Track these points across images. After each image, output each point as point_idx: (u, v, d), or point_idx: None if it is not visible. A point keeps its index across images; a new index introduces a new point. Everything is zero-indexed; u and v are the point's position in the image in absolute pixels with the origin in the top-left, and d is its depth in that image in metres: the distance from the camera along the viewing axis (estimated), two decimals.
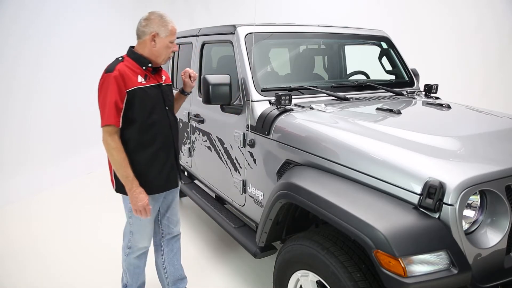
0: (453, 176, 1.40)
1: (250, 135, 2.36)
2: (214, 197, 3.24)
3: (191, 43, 3.29)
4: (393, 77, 3.17)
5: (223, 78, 2.30)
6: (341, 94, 2.57)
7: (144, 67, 1.99)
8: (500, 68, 5.40)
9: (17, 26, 4.53)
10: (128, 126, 1.94)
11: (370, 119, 2.12)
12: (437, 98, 2.91)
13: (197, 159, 3.34)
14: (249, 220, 2.61)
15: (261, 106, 2.34)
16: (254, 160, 2.37)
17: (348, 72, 3.36)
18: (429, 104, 2.55)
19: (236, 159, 2.58)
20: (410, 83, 3.11)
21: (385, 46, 3.19)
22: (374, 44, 3.21)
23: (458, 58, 5.51)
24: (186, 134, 3.46)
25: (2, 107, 4.48)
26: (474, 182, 1.40)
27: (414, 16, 5.62)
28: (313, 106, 2.29)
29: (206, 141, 3.02)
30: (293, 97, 2.28)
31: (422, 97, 2.92)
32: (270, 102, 2.36)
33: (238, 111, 2.45)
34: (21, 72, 4.66)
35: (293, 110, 2.25)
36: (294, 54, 3.10)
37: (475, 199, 1.46)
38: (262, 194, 2.34)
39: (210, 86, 2.27)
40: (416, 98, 2.81)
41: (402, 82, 3.11)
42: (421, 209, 1.41)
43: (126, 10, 6.13)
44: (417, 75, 3.25)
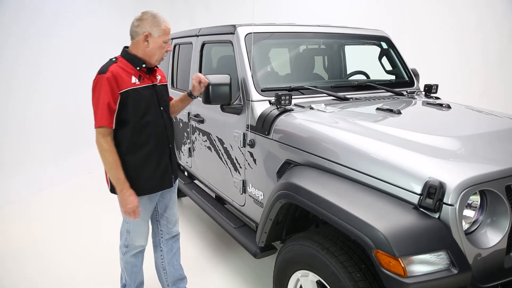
0: (453, 176, 1.40)
1: (250, 135, 2.36)
2: (214, 197, 3.24)
3: (191, 43, 3.29)
4: (393, 77, 3.17)
5: (223, 78, 2.30)
6: (341, 94, 2.57)
7: (138, 68, 1.98)
8: (500, 68, 5.40)
9: (17, 26, 4.53)
10: (121, 127, 1.95)
11: (370, 119, 2.12)
12: (437, 98, 2.91)
13: (197, 159, 3.34)
14: (249, 220, 2.61)
15: (261, 106, 2.34)
16: (254, 160, 2.37)
17: (348, 72, 3.36)
18: (429, 104, 2.55)
19: (236, 159, 2.58)
20: (410, 83, 3.11)
21: (385, 46, 3.19)
22: (374, 44, 3.21)
23: (458, 58, 5.50)
24: (186, 134, 3.46)
25: (2, 107, 4.48)
26: (474, 182, 1.40)
27: (414, 16, 5.62)
28: (313, 106, 2.29)
29: (206, 141, 3.02)
30: (293, 97, 2.28)
31: (422, 97, 2.92)
32: (270, 102, 2.36)
33: (238, 111, 2.45)
34: (21, 72, 4.66)
35: (293, 110, 2.25)
36: (294, 54, 3.10)
37: (475, 199, 1.46)
38: (262, 194, 2.34)
39: (210, 86, 2.27)
40: (416, 98, 2.81)
41: (402, 82, 3.11)
42: (421, 209, 1.41)
43: (126, 10, 6.12)
44: (417, 75, 3.25)
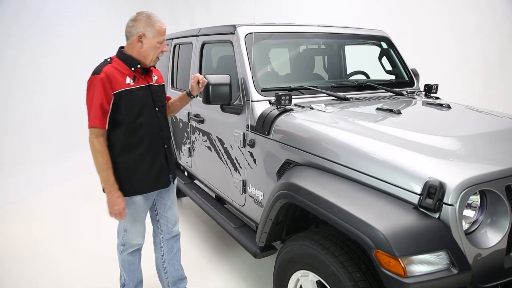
0: (453, 176, 1.40)
1: (250, 135, 2.36)
2: (214, 197, 3.24)
3: (191, 43, 3.29)
4: (393, 77, 3.17)
5: (223, 78, 2.30)
6: (341, 94, 2.57)
7: (133, 68, 1.98)
8: (500, 68, 5.40)
9: (17, 26, 4.53)
10: (115, 127, 1.95)
11: (370, 119, 2.12)
12: (437, 98, 2.91)
13: (197, 159, 3.34)
14: (249, 220, 2.61)
15: (261, 106, 2.34)
16: (254, 160, 2.37)
17: (348, 72, 3.36)
18: (429, 104, 2.55)
19: (236, 159, 2.58)
20: (410, 83, 3.11)
21: (385, 46, 3.19)
22: (374, 44, 3.21)
23: (458, 58, 5.50)
24: (186, 134, 3.46)
25: (2, 107, 4.48)
26: (474, 182, 1.40)
27: (414, 16, 5.62)
28: (313, 106, 2.29)
29: (206, 141, 3.02)
30: (293, 97, 2.28)
31: (422, 97, 2.92)
32: (270, 102, 2.36)
33: (238, 111, 2.45)
34: (21, 72, 4.66)
35: (293, 110, 2.25)
36: (294, 54, 3.10)
37: (475, 199, 1.46)
38: (262, 194, 2.34)
39: (210, 86, 2.27)
40: (416, 98, 2.81)
41: (402, 82, 3.11)
42: (421, 209, 1.41)
43: (126, 10, 6.09)
44: (417, 75, 3.25)
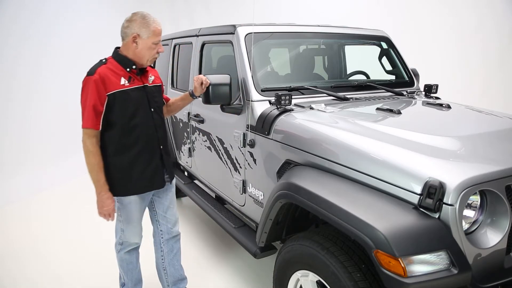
0: (453, 176, 1.40)
1: (250, 135, 2.36)
2: (214, 197, 3.24)
3: (191, 43, 3.29)
4: (393, 77, 3.17)
5: (223, 78, 2.30)
6: (341, 94, 2.57)
7: (128, 69, 1.98)
8: (500, 68, 5.40)
9: (17, 26, 4.53)
10: (109, 128, 1.95)
11: (370, 119, 2.12)
12: (437, 98, 2.91)
13: (197, 159, 3.34)
14: (249, 220, 2.61)
15: (261, 106, 2.34)
16: (254, 160, 2.37)
17: (348, 72, 3.36)
18: (429, 104, 2.55)
19: (236, 159, 2.58)
20: (410, 83, 3.11)
21: (385, 46, 3.19)
22: (374, 44, 3.21)
23: (458, 58, 5.51)
24: (186, 134, 3.46)
25: (2, 107, 4.48)
26: (474, 182, 1.40)
27: (414, 16, 5.62)
28: (313, 106, 2.29)
29: (206, 141, 3.02)
30: (293, 97, 2.28)
31: (422, 97, 2.92)
32: (270, 102, 2.36)
33: (238, 111, 2.45)
34: (21, 72, 4.66)
35: (293, 110, 2.25)
36: (294, 54, 3.10)
37: (475, 199, 1.46)
38: (262, 194, 2.34)
39: (210, 86, 2.27)
40: (416, 98, 2.81)
41: (402, 82, 3.11)
42: (421, 209, 1.41)
43: (126, 10, 6.10)
44: (417, 75, 3.25)
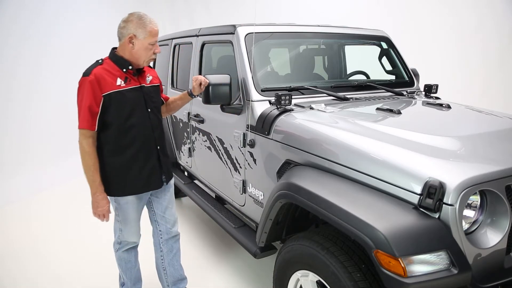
0: (453, 176, 1.40)
1: (250, 135, 2.36)
2: (214, 197, 3.24)
3: (191, 43, 3.29)
4: (393, 77, 3.17)
5: (223, 78, 2.30)
6: (341, 94, 2.57)
7: (124, 70, 1.98)
8: (500, 68, 5.40)
9: (17, 26, 4.53)
10: (105, 129, 1.96)
11: (370, 119, 2.12)
12: (437, 98, 2.91)
13: (197, 159, 3.34)
14: (249, 220, 2.61)
15: (261, 106, 2.34)
16: (254, 160, 2.37)
17: (348, 72, 3.36)
18: (429, 104, 2.55)
19: (236, 159, 2.58)
20: (410, 83, 3.11)
21: (385, 46, 3.19)
22: (374, 44, 3.21)
23: (458, 58, 5.51)
24: (186, 134, 3.46)
25: (2, 107, 4.48)
26: (474, 182, 1.40)
27: (414, 16, 5.62)
28: (313, 106, 2.29)
29: (206, 141, 3.02)
30: (293, 97, 2.28)
31: (422, 97, 2.92)
32: (270, 102, 2.36)
33: (238, 111, 2.45)
34: (21, 72, 4.66)
35: (293, 110, 2.25)
36: (294, 54, 3.09)
37: (475, 199, 1.46)
38: (262, 194, 2.34)
39: (210, 86, 2.27)
40: (416, 98, 2.81)
41: (402, 82, 3.11)
42: (421, 209, 1.41)
43: (126, 10, 6.09)
44: (417, 75, 3.25)
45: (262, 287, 2.74)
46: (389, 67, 3.20)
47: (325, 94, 2.55)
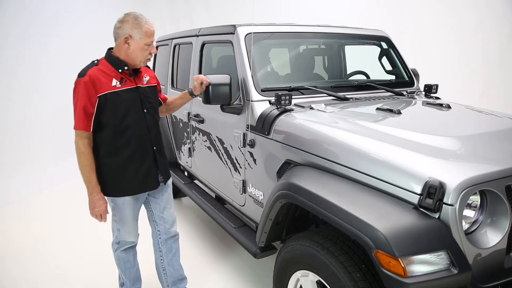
0: (453, 176, 1.40)
1: (250, 135, 2.36)
2: (214, 197, 3.24)
3: (191, 43, 3.29)
4: (393, 77, 3.17)
5: (223, 78, 2.30)
6: (341, 94, 2.57)
7: (119, 70, 1.97)
8: (500, 68, 5.40)
9: (17, 26, 4.53)
10: (100, 130, 1.96)
11: (370, 119, 2.12)
12: (437, 98, 2.91)
13: (197, 159, 3.34)
14: (249, 220, 2.61)
15: (261, 106, 2.34)
16: (254, 160, 2.37)
17: (348, 72, 3.36)
18: (429, 104, 2.55)
19: (236, 159, 2.58)
20: (410, 83, 3.11)
21: (385, 46, 3.19)
22: (374, 44, 3.21)
23: (458, 58, 5.51)
24: (186, 134, 3.46)
25: (2, 107, 4.48)
26: (474, 182, 1.40)
27: (414, 16, 5.62)
28: (313, 106, 2.29)
29: (206, 141, 3.02)
30: (293, 97, 2.28)
31: (422, 97, 2.92)
32: (270, 102, 2.36)
33: (238, 111, 2.45)
34: (21, 72, 4.66)
35: (293, 110, 2.25)
36: (294, 54, 3.10)
37: (475, 199, 1.46)
38: (262, 194, 2.34)
39: (210, 86, 2.27)
40: (416, 98, 2.81)
41: (402, 82, 3.11)
42: (421, 209, 1.41)
43: (126, 10, 6.09)
44: (417, 75, 3.25)
45: (262, 287, 2.75)
46: (389, 67, 3.20)
47: (325, 94, 2.55)
